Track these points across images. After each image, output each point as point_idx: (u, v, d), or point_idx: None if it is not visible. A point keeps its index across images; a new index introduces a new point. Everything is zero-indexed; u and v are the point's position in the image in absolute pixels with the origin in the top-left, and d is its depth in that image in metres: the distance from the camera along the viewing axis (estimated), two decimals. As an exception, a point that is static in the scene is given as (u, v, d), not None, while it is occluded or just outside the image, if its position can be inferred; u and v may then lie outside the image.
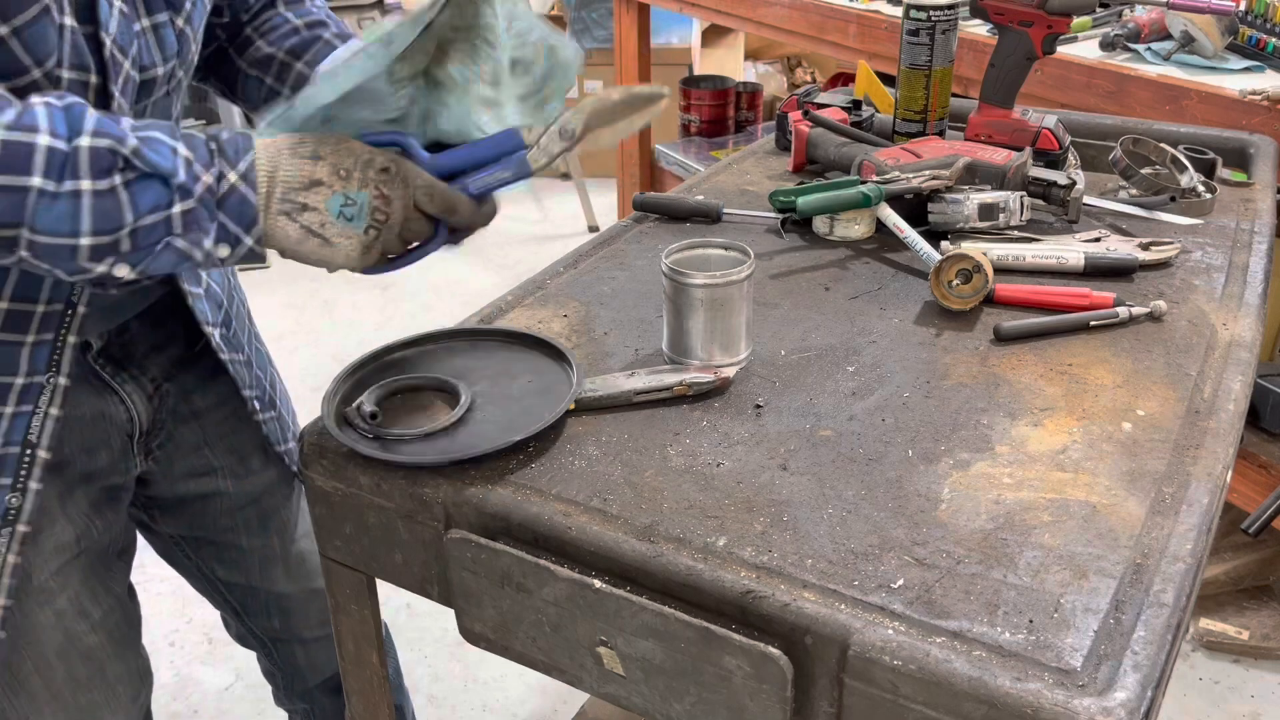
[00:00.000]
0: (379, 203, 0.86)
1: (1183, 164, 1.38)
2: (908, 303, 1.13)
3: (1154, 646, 0.67)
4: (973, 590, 0.73)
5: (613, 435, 0.91)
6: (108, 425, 1.05)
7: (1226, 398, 0.94)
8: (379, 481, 0.88)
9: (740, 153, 1.59)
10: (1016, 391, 0.96)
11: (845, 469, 0.86)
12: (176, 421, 1.14)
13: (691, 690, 0.75)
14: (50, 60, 0.83)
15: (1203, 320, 1.08)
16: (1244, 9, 1.90)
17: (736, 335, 1.00)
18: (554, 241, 4.04)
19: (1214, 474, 0.84)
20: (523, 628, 0.82)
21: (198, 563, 1.27)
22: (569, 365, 0.95)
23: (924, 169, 1.28)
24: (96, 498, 1.06)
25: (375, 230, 0.86)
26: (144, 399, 1.08)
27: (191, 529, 1.23)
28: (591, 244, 1.28)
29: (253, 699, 2.04)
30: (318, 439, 0.91)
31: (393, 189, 0.86)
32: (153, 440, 1.12)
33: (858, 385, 0.97)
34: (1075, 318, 1.07)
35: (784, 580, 0.74)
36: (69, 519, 1.02)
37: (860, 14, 2.36)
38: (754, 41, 4.55)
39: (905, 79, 1.44)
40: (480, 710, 2.02)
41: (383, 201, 0.86)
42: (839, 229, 1.27)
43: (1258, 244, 1.24)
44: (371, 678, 1.02)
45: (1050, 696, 0.64)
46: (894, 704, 0.69)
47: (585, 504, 0.82)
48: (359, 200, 0.85)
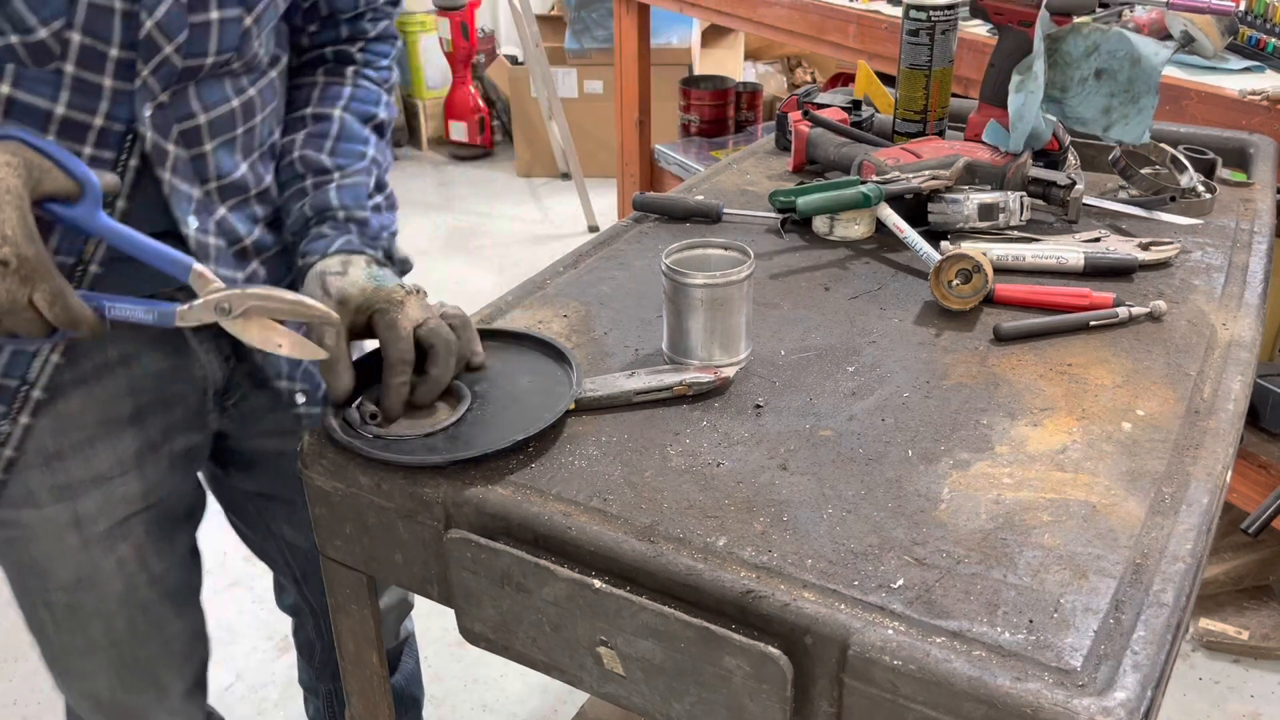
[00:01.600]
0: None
1: (1183, 164, 1.38)
2: (908, 303, 1.13)
3: (1154, 646, 0.67)
4: (973, 590, 0.73)
5: (613, 435, 0.91)
6: (184, 381, 1.06)
7: (1226, 398, 0.94)
8: (379, 481, 0.88)
9: (740, 153, 1.59)
10: (1016, 391, 0.96)
11: (845, 469, 0.86)
12: (253, 385, 1.14)
13: (691, 690, 0.75)
14: (57, 22, 0.83)
15: (1202, 320, 1.08)
16: (1244, 9, 1.90)
17: (736, 335, 1.00)
18: (554, 241, 4.04)
19: (1214, 474, 0.84)
20: (523, 628, 0.82)
21: (267, 521, 1.27)
22: (569, 365, 0.95)
23: (924, 169, 1.28)
24: (175, 458, 1.08)
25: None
26: (220, 360, 1.08)
27: (264, 485, 1.24)
28: (591, 244, 1.28)
29: (253, 699, 2.04)
30: (318, 439, 0.92)
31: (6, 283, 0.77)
32: (228, 399, 1.12)
33: (858, 385, 0.97)
34: (1075, 318, 1.07)
35: (784, 580, 0.74)
36: (141, 474, 1.05)
37: (860, 14, 2.36)
38: (754, 41, 4.55)
39: (905, 79, 1.44)
40: (480, 710, 2.02)
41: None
42: (839, 229, 1.27)
43: (1258, 244, 1.24)
44: (371, 678, 1.02)
45: (1050, 696, 0.64)
46: (894, 704, 0.69)
47: (585, 504, 0.82)
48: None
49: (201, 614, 1.19)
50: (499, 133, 5.12)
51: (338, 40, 1.12)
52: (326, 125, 1.07)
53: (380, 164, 1.09)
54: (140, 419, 1.04)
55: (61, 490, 1.01)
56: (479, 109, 4.88)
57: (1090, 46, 1.28)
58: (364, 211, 1.04)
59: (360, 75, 1.12)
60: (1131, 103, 1.29)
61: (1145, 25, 1.96)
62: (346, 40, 1.13)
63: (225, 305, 0.85)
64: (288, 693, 2.03)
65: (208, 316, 0.85)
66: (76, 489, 1.01)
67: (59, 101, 0.87)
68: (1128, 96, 1.29)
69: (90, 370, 0.99)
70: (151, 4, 0.86)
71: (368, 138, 1.09)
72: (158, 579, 1.10)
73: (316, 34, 1.11)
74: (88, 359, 0.99)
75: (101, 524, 1.04)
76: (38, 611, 1.08)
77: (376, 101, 1.12)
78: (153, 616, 1.10)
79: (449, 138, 4.96)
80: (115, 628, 1.08)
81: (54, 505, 1.01)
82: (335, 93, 1.09)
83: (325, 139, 1.06)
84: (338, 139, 1.06)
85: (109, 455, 1.02)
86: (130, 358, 1.02)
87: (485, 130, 4.93)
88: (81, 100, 0.88)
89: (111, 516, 1.04)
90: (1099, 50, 1.28)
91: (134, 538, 1.06)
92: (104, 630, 1.08)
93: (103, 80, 0.88)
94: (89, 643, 1.08)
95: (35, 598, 1.07)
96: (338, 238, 1.00)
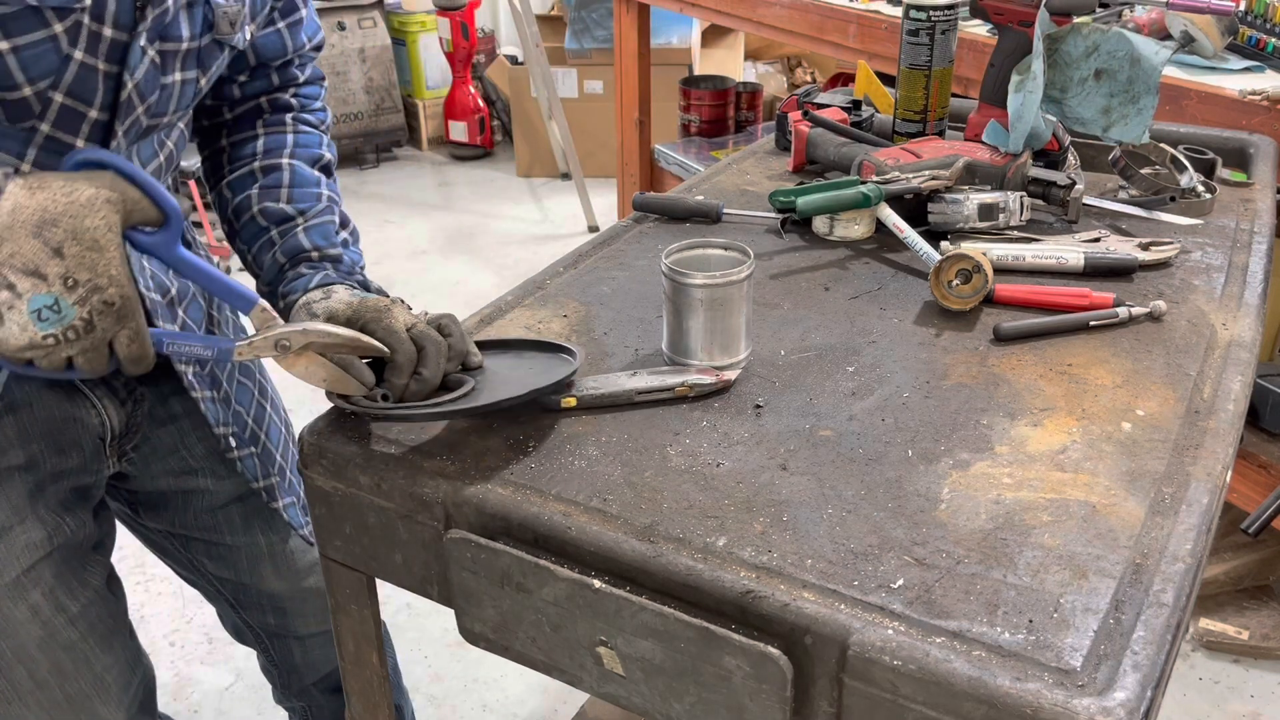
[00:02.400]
0: (80, 325, 0.79)
1: (1182, 164, 1.38)
2: (908, 303, 1.13)
3: (1154, 646, 0.67)
4: (972, 590, 0.73)
5: (613, 435, 0.91)
6: (78, 428, 1.04)
7: (1226, 398, 0.94)
8: (379, 481, 0.88)
9: (740, 153, 1.59)
10: (1016, 391, 0.96)
11: (845, 469, 0.86)
12: (153, 424, 1.13)
13: (691, 690, 0.75)
14: (44, 82, 0.84)
15: (1202, 320, 1.08)
16: (1244, 9, 1.90)
17: (736, 335, 1.00)
18: (554, 241, 4.04)
19: (1214, 474, 0.84)
20: (523, 628, 0.82)
21: (189, 556, 1.26)
22: (569, 354, 0.96)
23: (924, 169, 1.28)
24: (66, 496, 1.06)
25: (54, 341, 0.79)
26: (116, 405, 1.07)
27: (176, 525, 1.23)
28: (591, 244, 1.28)
29: (253, 699, 2.04)
30: (318, 439, 0.91)
31: (104, 321, 0.80)
32: (127, 443, 1.11)
33: (858, 385, 0.97)
34: (1075, 318, 1.07)
35: (784, 580, 0.74)
36: (39, 518, 1.03)
37: (860, 14, 2.36)
38: (754, 41, 4.55)
39: (905, 79, 1.44)
40: (480, 710, 2.02)
41: (84, 327, 0.79)
42: (839, 229, 1.27)
43: (1257, 244, 1.24)
44: (371, 678, 1.02)
45: (1050, 696, 0.64)
46: (894, 704, 0.69)
47: (585, 504, 0.82)
48: (64, 314, 0.78)
49: (131, 640, 1.15)
50: (499, 133, 5.13)
51: (270, 89, 1.14)
52: (278, 175, 1.08)
53: (336, 201, 1.11)
54: (30, 466, 1.01)
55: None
56: (479, 109, 4.88)
57: (1090, 46, 1.28)
58: (336, 248, 1.06)
59: (299, 121, 1.14)
60: (1131, 103, 1.29)
61: (1145, 25, 1.97)
62: (279, 88, 1.14)
63: (286, 342, 0.87)
64: (288, 693, 2.03)
65: (266, 352, 0.87)
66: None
67: (25, 159, 0.87)
68: (1127, 97, 1.29)
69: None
70: (134, 65, 0.87)
71: (319, 179, 1.11)
72: (76, 618, 1.07)
73: (246, 84, 1.12)
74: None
75: (8, 574, 1.01)
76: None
77: (319, 144, 1.14)
78: (78, 655, 1.07)
79: (449, 138, 4.96)
80: (39, 672, 1.05)
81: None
82: (279, 142, 1.11)
83: (280, 188, 1.08)
84: (291, 186, 1.08)
85: (3, 505, 1.00)
86: (18, 405, 0.99)
87: (485, 130, 4.93)
88: (48, 159, 0.88)
89: (17, 565, 1.01)
90: (1099, 50, 1.28)
91: (43, 583, 1.04)
92: (28, 675, 1.05)
93: (76, 141, 0.89)
94: (15, 689, 1.05)
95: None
96: (315, 274, 1.02)
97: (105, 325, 0.80)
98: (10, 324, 0.78)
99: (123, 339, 0.82)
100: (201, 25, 0.95)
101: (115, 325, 0.81)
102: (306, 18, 1.13)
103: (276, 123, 1.13)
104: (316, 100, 1.18)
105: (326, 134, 1.17)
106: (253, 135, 1.11)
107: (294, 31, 1.12)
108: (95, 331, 0.80)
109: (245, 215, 1.08)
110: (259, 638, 1.36)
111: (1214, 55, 1.88)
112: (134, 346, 0.82)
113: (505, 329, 1.09)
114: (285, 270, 1.04)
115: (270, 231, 1.06)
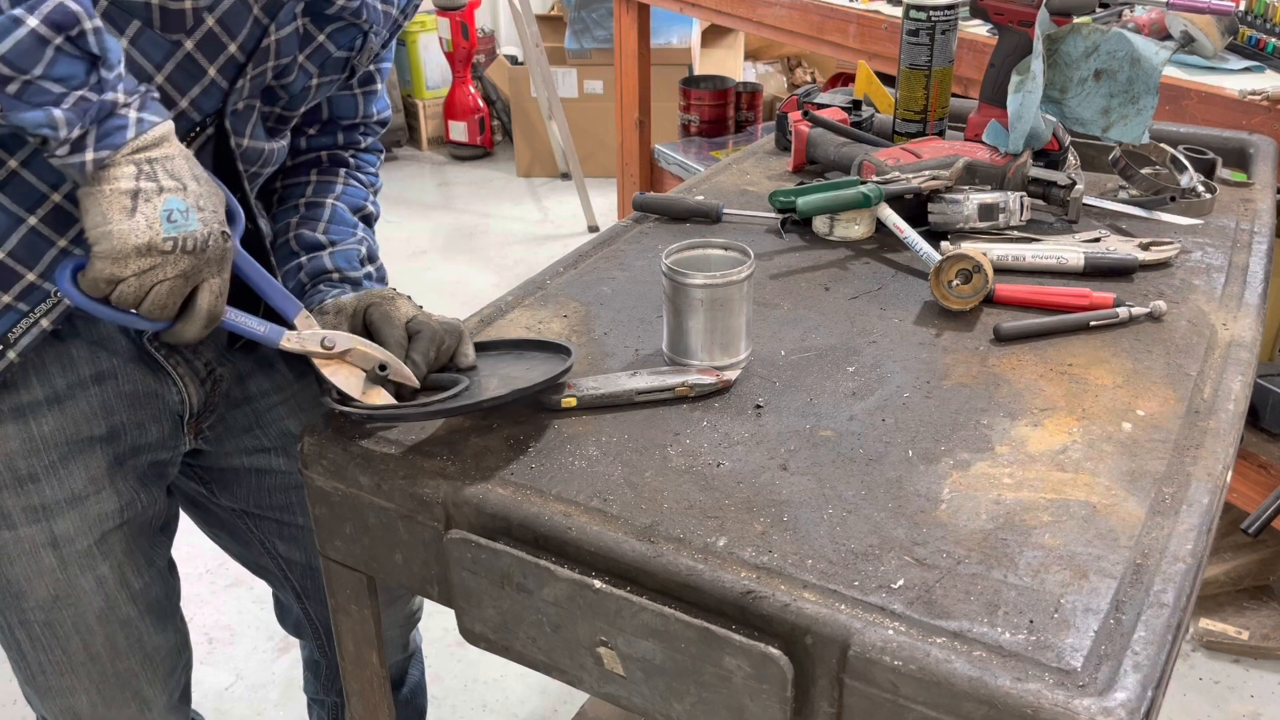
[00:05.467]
0: (197, 239, 0.83)
1: (1182, 164, 1.38)
2: (908, 303, 1.13)
3: (1154, 646, 0.67)
4: (973, 590, 0.73)
5: (613, 435, 0.91)
6: (159, 404, 1.07)
7: (1226, 398, 0.94)
8: (379, 481, 0.88)
9: (740, 153, 1.59)
10: (1016, 391, 0.96)
11: (845, 469, 0.86)
12: (229, 405, 1.16)
13: (691, 690, 0.75)
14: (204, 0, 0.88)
15: (1203, 320, 1.08)
16: (1244, 9, 1.90)
17: (736, 335, 1.00)
18: (554, 241, 4.04)
19: (1214, 474, 0.84)
20: (523, 628, 0.82)
21: (260, 537, 1.27)
22: (565, 352, 0.96)
23: (924, 169, 1.28)
24: (143, 471, 1.08)
25: (172, 244, 0.82)
26: (197, 383, 1.09)
27: (250, 503, 1.24)
28: (591, 244, 1.28)
29: (253, 699, 2.04)
30: (318, 439, 0.92)
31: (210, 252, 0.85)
32: (203, 421, 1.13)
33: (858, 385, 0.97)
34: (1075, 318, 1.07)
35: (784, 580, 0.74)
36: (115, 490, 1.05)
37: (860, 14, 2.36)
38: (754, 41, 4.55)
39: (905, 79, 1.44)
40: (480, 710, 2.02)
41: (196, 246, 0.83)
42: (839, 229, 1.27)
43: (1258, 244, 1.24)
44: (371, 678, 1.02)
45: (1050, 697, 0.64)
46: (894, 704, 0.69)
47: (585, 504, 0.82)
48: (190, 224, 0.83)
49: (183, 626, 1.18)
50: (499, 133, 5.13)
51: (333, 145, 1.20)
52: (319, 210, 1.14)
53: (369, 244, 1.15)
54: (112, 437, 1.04)
55: (36, 511, 1.01)
56: (479, 109, 4.88)
57: (1090, 47, 1.28)
58: (357, 273, 1.10)
59: (351, 176, 1.19)
60: (1131, 103, 1.29)
61: (1145, 25, 1.96)
62: (341, 146, 1.20)
63: (330, 343, 0.91)
64: (288, 693, 2.03)
65: (312, 346, 0.91)
66: (52, 509, 1.01)
67: (161, 70, 0.91)
68: (1127, 97, 1.29)
69: (63, 388, 0.99)
70: (283, 23, 0.93)
71: (357, 224, 1.16)
72: (138, 595, 1.09)
73: (314, 137, 1.18)
74: (61, 376, 0.99)
75: (80, 543, 1.03)
76: (13, 631, 1.07)
77: (365, 198, 1.19)
78: (133, 632, 1.10)
79: (449, 138, 4.95)
80: (94, 644, 1.08)
81: (29, 526, 1.01)
82: (328, 187, 1.16)
83: (319, 221, 1.13)
84: (330, 221, 1.13)
85: (82, 474, 1.02)
86: (105, 376, 1.01)
87: (485, 130, 4.93)
88: (180, 78, 0.92)
89: (90, 535, 1.04)
90: (1099, 50, 1.28)
91: (113, 555, 1.06)
92: (83, 647, 1.07)
93: (209, 69, 0.93)
94: (68, 659, 1.07)
95: (10, 617, 1.06)
96: (332, 290, 1.06)
97: (209, 258, 0.84)
98: (139, 217, 0.81)
99: (213, 287, 0.86)
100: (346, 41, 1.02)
101: (213, 267, 0.85)
102: (380, 92, 1.21)
103: (330, 174, 1.18)
104: (372, 166, 1.23)
105: (375, 194, 1.22)
106: (305, 181, 1.17)
107: (368, 99, 1.19)
108: (203, 254, 0.84)
109: (280, 240, 1.12)
110: (317, 633, 1.37)
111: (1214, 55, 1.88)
112: (217, 301, 0.86)
113: (505, 329, 1.09)
114: (306, 288, 1.08)
115: (300, 256, 1.10)
